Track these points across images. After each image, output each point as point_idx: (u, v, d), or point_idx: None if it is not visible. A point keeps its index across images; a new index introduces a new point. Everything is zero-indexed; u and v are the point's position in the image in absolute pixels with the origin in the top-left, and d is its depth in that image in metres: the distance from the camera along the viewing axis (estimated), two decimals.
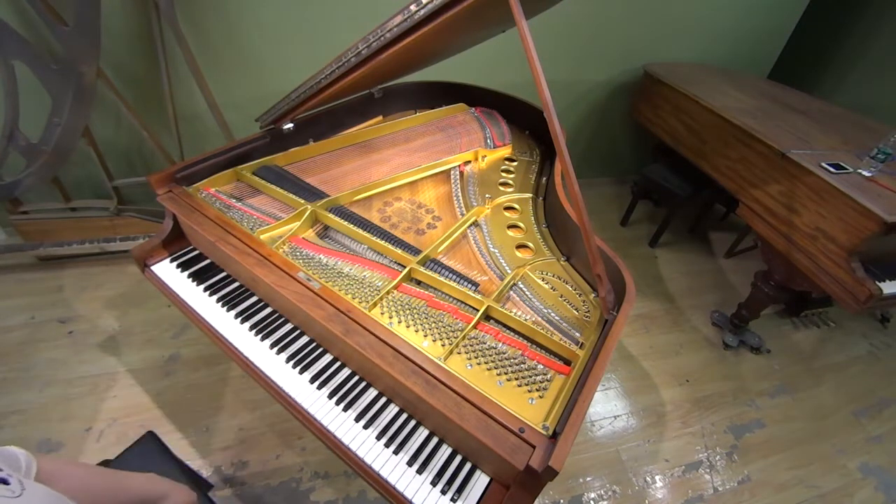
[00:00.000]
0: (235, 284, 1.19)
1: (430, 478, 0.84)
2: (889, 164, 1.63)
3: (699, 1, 2.52)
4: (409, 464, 0.86)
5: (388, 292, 0.99)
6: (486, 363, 0.88)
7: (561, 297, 1.04)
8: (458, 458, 0.87)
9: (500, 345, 0.92)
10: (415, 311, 0.97)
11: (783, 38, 2.89)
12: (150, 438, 1.06)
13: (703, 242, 2.83)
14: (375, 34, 1.05)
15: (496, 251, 1.15)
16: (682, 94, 2.24)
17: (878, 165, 1.62)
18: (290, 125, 1.41)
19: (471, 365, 0.87)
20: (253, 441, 1.53)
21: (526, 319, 0.94)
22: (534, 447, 0.73)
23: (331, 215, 1.16)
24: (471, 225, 1.24)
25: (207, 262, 1.25)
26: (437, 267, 1.08)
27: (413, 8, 0.97)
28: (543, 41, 1.62)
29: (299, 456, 1.51)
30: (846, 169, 1.60)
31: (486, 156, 1.56)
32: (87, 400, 1.60)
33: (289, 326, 1.09)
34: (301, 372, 0.99)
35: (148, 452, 1.03)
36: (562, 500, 1.50)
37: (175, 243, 1.29)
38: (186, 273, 1.22)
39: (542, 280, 1.08)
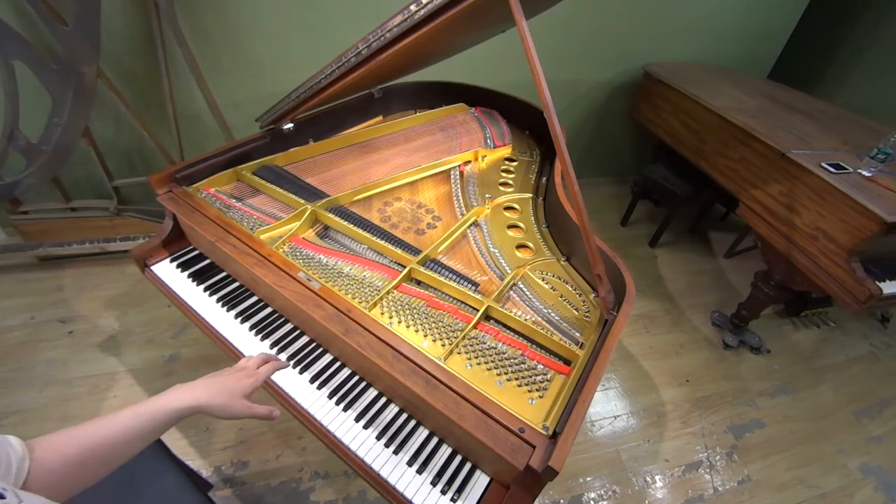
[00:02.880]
0: (235, 284, 1.19)
1: (430, 478, 0.84)
2: (889, 164, 1.63)
3: (699, 1, 2.52)
4: (409, 464, 0.86)
5: (388, 292, 0.99)
6: (486, 363, 0.88)
7: (561, 297, 1.04)
8: (458, 458, 0.87)
9: (500, 345, 0.92)
10: (415, 311, 0.97)
11: (783, 38, 2.89)
12: None
13: (703, 242, 2.83)
14: (375, 34, 1.05)
15: (496, 251, 1.15)
16: (682, 94, 2.24)
17: (878, 165, 1.62)
18: (290, 125, 1.41)
19: (471, 365, 0.87)
20: (253, 441, 1.53)
21: (526, 319, 0.94)
22: (534, 447, 0.73)
23: (331, 215, 1.16)
24: (471, 225, 1.24)
25: (207, 262, 1.25)
26: (437, 267, 1.08)
27: (413, 8, 0.97)
28: (543, 41, 1.62)
29: (299, 456, 1.51)
30: (846, 169, 1.60)
31: (486, 156, 1.56)
32: (87, 400, 1.60)
33: (289, 326, 1.09)
34: (301, 372, 0.99)
35: (148, 452, 1.03)
36: (562, 500, 1.50)
37: (175, 243, 1.29)
38: (186, 273, 1.22)
39: (542, 280, 1.08)
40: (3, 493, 0.40)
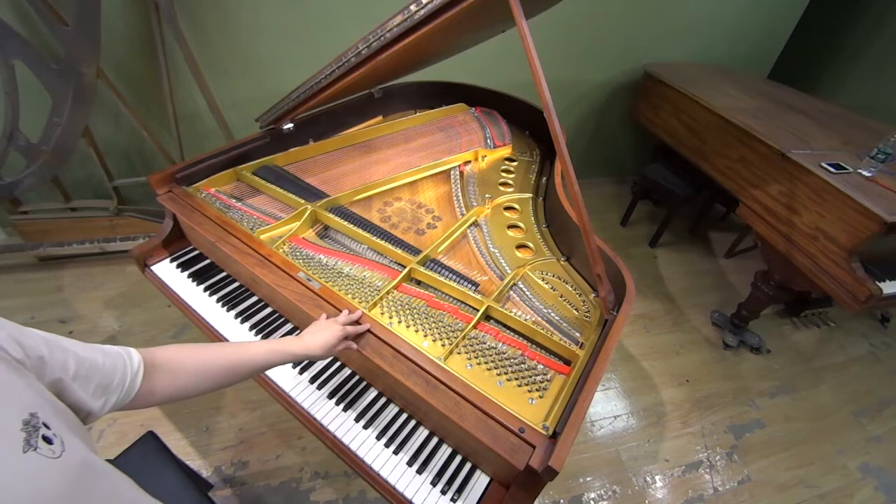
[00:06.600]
0: (235, 284, 1.19)
1: (430, 478, 0.84)
2: (889, 164, 1.62)
3: (699, 1, 2.52)
4: (409, 464, 0.86)
5: (388, 292, 0.99)
6: (486, 363, 0.88)
7: (561, 297, 1.04)
8: (458, 458, 0.87)
9: (500, 345, 0.92)
10: (415, 311, 0.97)
11: (783, 37, 2.89)
12: (151, 438, 1.06)
13: (703, 242, 2.83)
14: (375, 34, 1.05)
15: (496, 251, 1.15)
16: (682, 94, 2.24)
17: (878, 165, 1.62)
18: (290, 125, 1.40)
19: (471, 365, 0.87)
20: (253, 441, 1.53)
21: (526, 319, 0.94)
22: (534, 447, 0.73)
23: (331, 215, 1.16)
24: (471, 225, 1.24)
25: (207, 262, 1.26)
26: (437, 267, 1.08)
27: (413, 8, 0.97)
28: (543, 41, 1.62)
29: (299, 456, 1.50)
30: (846, 169, 1.60)
31: (486, 156, 1.56)
32: None
33: (289, 326, 1.09)
34: (301, 372, 0.99)
35: (148, 452, 1.03)
36: (562, 500, 1.50)
37: (175, 243, 1.29)
38: (186, 273, 1.22)
39: (542, 280, 1.08)
40: (51, 438, 0.41)
